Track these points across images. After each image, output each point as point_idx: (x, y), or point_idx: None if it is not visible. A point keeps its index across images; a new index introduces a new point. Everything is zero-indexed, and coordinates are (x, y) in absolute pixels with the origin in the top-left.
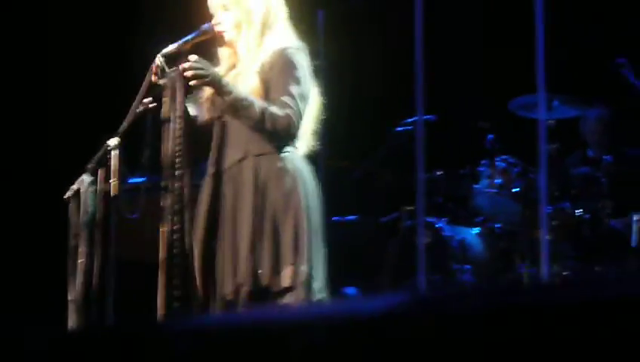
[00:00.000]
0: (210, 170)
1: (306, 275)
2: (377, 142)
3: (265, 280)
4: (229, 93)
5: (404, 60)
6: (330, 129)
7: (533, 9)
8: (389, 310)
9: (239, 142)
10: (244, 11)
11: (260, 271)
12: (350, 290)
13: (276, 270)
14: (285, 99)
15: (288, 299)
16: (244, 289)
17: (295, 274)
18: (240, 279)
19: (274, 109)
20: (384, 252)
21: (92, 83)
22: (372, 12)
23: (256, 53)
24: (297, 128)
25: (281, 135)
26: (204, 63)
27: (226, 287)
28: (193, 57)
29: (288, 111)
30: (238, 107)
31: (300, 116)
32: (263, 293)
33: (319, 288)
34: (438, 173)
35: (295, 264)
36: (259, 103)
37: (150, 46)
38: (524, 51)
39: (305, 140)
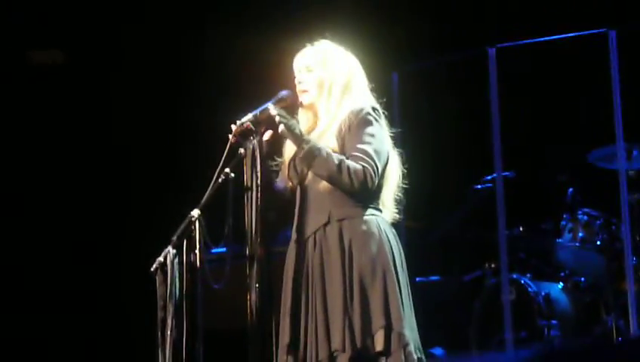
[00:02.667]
0: (294, 236)
1: (399, 338)
2: (457, 202)
3: (358, 345)
4: (306, 141)
5: (480, 118)
6: (410, 190)
7: (608, 59)
8: None
9: (322, 207)
10: (329, 72)
11: (354, 336)
12: (437, 351)
13: (369, 334)
14: (360, 153)
15: None
16: (341, 355)
17: (387, 338)
18: (335, 344)
19: (350, 162)
20: (469, 310)
21: (175, 157)
22: (445, 71)
23: (336, 114)
24: (374, 182)
25: (358, 188)
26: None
27: (321, 353)
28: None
29: (364, 163)
30: (314, 156)
31: (376, 170)
32: (358, 358)
33: (414, 348)
34: (520, 228)
35: (386, 327)
36: (336, 155)
37: (229, 117)
38: (601, 102)
39: (388, 208)
